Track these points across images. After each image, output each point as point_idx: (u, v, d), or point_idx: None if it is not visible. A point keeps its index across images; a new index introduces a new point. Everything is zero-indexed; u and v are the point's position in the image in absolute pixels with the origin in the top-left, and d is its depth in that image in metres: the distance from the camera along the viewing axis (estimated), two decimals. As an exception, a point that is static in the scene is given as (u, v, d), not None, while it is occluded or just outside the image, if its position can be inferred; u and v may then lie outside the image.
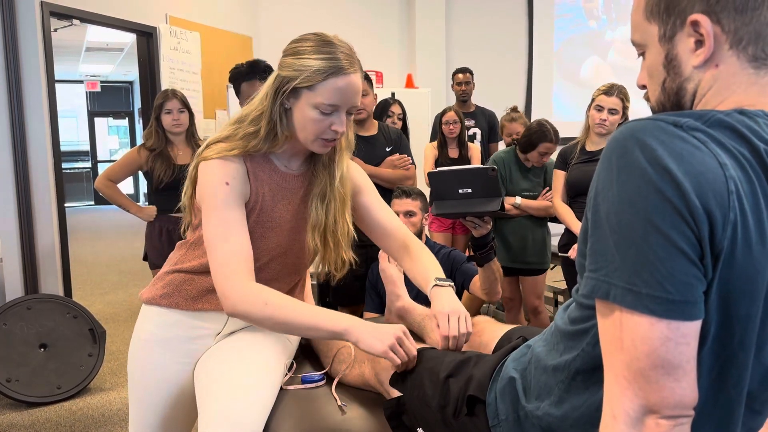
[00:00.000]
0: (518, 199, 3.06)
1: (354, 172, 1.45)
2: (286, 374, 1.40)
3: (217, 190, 1.24)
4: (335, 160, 1.36)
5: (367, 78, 2.76)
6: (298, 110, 1.24)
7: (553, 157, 3.05)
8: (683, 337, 0.64)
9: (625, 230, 0.65)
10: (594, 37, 6.44)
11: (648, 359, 0.64)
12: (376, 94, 2.85)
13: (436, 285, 1.35)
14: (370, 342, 1.17)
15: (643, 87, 0.83)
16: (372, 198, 1.47)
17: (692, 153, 0.64)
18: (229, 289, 1.20)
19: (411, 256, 1.44)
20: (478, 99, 4.52)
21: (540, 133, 2.96)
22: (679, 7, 0.73)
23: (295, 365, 1.47)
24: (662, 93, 0.78)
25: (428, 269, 1.40)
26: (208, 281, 1.35)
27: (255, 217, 1.31)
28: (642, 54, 0.81)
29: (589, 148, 2.76)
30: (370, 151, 2.76)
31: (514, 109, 3.66)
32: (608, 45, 6.42)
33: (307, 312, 1.20)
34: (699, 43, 0.73)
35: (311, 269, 1.55)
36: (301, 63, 1.21)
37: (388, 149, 2.80)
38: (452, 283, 1.37)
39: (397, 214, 2.36)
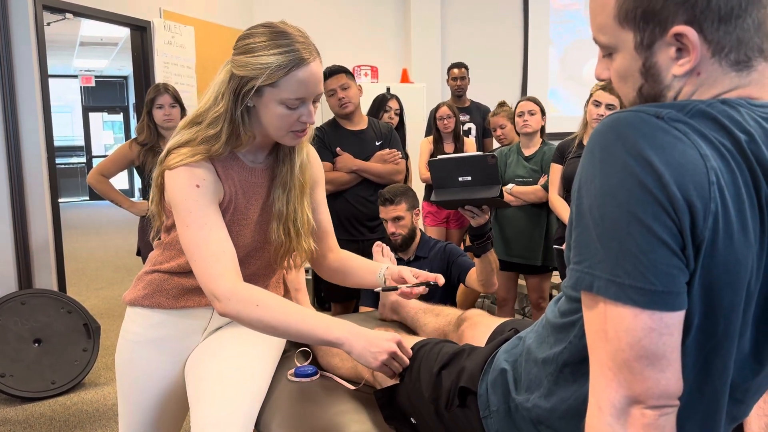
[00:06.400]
0: (510, 186, 2.98)
1: (314, 162, 1.43)
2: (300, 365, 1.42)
3: (189, 194, 1.20)
4: (296, 148, 1.33)
5: (346, 71, 2.73)
6: (264, 108, 1.20)
7: (552, 146, 3.03)
8: (667, 327, 0.65)
9: (607, 222, 0.66)
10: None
11: (632, 350, 0.65)
12: (360, 86, 2.81)
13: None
14: (364, 356, 1.15)
15: (602, 80, 0.81)
16: (322, 195, 1.47)
17: (673, 144, 0.65)
18: (220, 290, 1.16)
19: (347, 255, 1.51)
20: (473, 94, 4.52)
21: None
22: (659, 15, 0.69)
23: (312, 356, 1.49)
24: (638, 97, 0.76)
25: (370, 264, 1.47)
26: (188, 281, 1.34)
27: (230, 216, 1.29)
28: (609, 55, 0.77)
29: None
30: (359, 146, 2.73)
31: (501, 104, 3.65)
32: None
33: (300, 317, 1.16)
34: (680, 51, 0.70)
35: (306, 264, 1.54)
36: (258, 61, 1.15)
37: (378, 143, 2.76)
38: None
39: (386, 222, 2.36)
